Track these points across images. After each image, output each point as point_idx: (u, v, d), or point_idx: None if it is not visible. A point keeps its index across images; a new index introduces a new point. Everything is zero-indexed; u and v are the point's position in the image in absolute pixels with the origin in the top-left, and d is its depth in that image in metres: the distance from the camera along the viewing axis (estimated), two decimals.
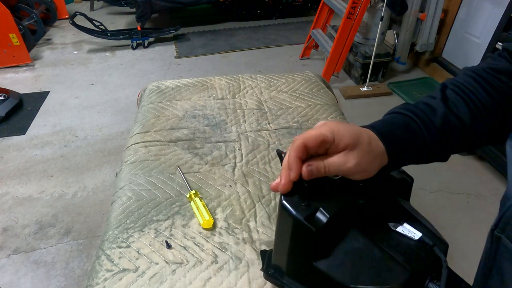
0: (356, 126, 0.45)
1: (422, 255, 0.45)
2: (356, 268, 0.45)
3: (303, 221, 0.45)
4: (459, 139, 0.48)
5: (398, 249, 0.45)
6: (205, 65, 3.15)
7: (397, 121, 0.47)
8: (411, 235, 0.47)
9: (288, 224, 0.47)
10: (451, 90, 0.49)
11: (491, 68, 0.49)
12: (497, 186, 1.86)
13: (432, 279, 0.44)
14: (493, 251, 0.43)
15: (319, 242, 0.46)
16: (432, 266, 0.44)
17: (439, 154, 0.48)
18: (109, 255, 0.73)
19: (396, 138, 0.45)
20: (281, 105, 1.25)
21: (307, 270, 0.49)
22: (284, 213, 0.46)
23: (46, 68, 3.11)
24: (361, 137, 0.43)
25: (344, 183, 0.47)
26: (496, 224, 0.43)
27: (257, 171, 0.96)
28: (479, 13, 2.46)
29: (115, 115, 2.49)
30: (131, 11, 4.17)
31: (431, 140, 0.46)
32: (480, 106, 0.47)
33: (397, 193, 0.53)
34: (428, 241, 0.46)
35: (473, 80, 0.49)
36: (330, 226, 0.45)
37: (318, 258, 0.47)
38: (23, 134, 2.30)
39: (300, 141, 0.42)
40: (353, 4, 2.36)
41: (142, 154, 1.02)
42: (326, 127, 0.42)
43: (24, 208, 1.77)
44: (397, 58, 2.73)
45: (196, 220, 0.81)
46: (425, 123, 0.46)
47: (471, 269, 0.51)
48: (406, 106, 0.49)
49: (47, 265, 1.51)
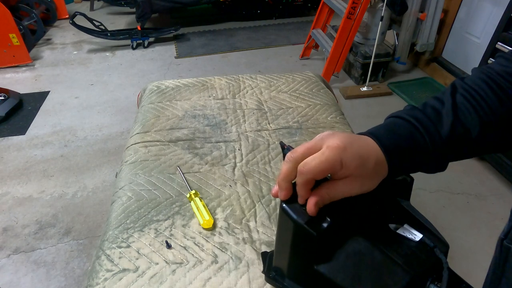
0: (362, 141, 0.43)
1: (423, 257, 0.45)
2: (357, 271, 0.45)
3: (304, 226, 0.44)
4: (464, 150, 0.46)
5: (399, 252, 0.45)
6: (205, 65, 3.15)
7: (402, 131, 0.44)
8: (412, 236, 0.47)
9: (289, 228, 0.47)
10: (461, 95, 0.46)
11: (506, 72, 0.46)
12: (497, 186, 1.86)
13: (433, 281, 0.43)
14: (502, 261, 0.42)
15: (320, 246, 0.46)
16: (433, 268, 0.44)
17: (440, 164, 0.46)
18: (109, 255, 0.73)
19: (400, 152, 0.43)
20: (281, 105, 1.25)
21: (308, 273, 0.49)
22: (285, 217, 0.46)
23: (46, 68, 3.11)
24: (367, 162, 0.41)
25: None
26: (506, 234, 0.42)
27: (257, 171, 0.96)
28: (479, 13, 2.46)
29: (115, 115, 2.49)
30: (131, 11, 4.17)
31: (434, 152, 0.44)
32: (490, 115, 0.44)
33: (397, 194, 0.53)
34: (428, 242, 0.46)
35: (486, 84, 0.46)
36: (331, 230, 0.45)
37: (320, 262, 0.47)
38: (23, 134, 2.30)
39: (310, 176, 0.40)
40: (353, 4, 2.36)
41: (142, 154, 1.02)
42: (334, 154, 0.39)
43: (24, 208, 1.77)
44: (397, 58, 2.73)
45: (196, 220, 0.81)
46: (431, 134, 0.44)
47: (471, 269, 0.51)
48: (412, 112, 0.46)
49: (47, 265, 1.51)
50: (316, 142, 0.42)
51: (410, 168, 0.45)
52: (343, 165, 0.40)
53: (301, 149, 0.42)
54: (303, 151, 0.41)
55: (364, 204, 0.48)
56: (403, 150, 0.43)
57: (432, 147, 0.43)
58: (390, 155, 0.42)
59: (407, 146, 0.43)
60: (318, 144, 0.41)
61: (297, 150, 0.42)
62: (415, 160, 0.44)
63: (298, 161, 0.41)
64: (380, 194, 0.50)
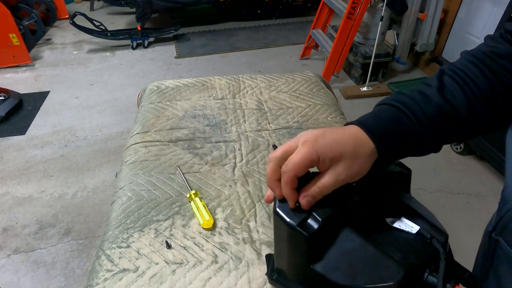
0: (338, 130, 0.44)
1: (419, 249, 0.45)
2: (352, 268, 0.46)
3: (296, 227, 0.45)
4: (453, 130, 0.46)
5: (395, 245, 0.45)
6: (205, 65, 3.15)
7: (387, 115, 0.45)
8: (409, 229, 0.47)
9: (283, 230, 0.48)
10: (448, 76, 0.46)
11: (493, 52, 0.46)
12: (497, 186, 1.86)
13: (431, 271, 0.43)
14: (491, 254, 0.42)
15: (313, 246, 0.47)
16: (431, 259, 0.44)
17: (432, 145, 0.46)
18: (109, 255, 0.73)
19: (386, 133, 0.43)
20: (281, 105, 1.25)
21: (306, 273, 0.50)
22: (278, 220, 0.47)
23: (46, 68, 3.11)
24: (344, 145, 0.42)
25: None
26: (494, 227, 0.43)
27: (257, 171, 0.96)
28: (479, 13, 2.46)
29: (115, 115, 2.49)
30: (131, 11, 4.17)
31: (422, 132, 0.44)
32: (478, 95, 0.45)
33: (395, 187, 0.53)
34: (426, 234, 0.46)
35: (473, 65, 0.46)
36: (323, 230, 0.46)
37: (314, 261, 0.48)
38: (23, 134, 2.30)
39: (292, 173, 0.42)
40: (353, 4, 2.36)
41: (142, 154, 1.02)
42: (308, 147, 0.41)
43: (24, 208, 1.77)
44: (397, 58, 2.73)
45: (196, 220, 0.81)
46: (417, 115, 0.44)
47: (471, 268, 0.51)
48: (398, 97, 0.47)
49: (47, 265, 1.51)
50: (294, 141, 0.44)
51: (401, 150, 0.45)
52: (319, 155, 0.41)
53: (281, 149, 0.44)
54: (282, 150, 0.43)
55: (357, 200, 0.48)
56: (389, 131, 0.44)
57: (419, 126, 0.44)
58: (374, 135, 0.43)
59: (392, 127, 0.44)
60: (296, 143, 0.43)
61: (277, 149, 0.44)
62: (404, 141, 0.44)
63: (280, 160, 0.43)
64: (375, 190, 0.50)
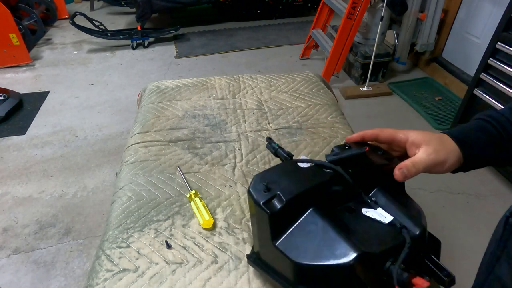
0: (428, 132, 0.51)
1: (385, 238, 0.49)
2: (309, 248, 0.50)
3: (261, 204, 0.51)
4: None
5: (361, 232, 0.50)
6: (205, 65, 3.15)
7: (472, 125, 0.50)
8: (382, 219, 0.51)
9: (252, 207, 0.54)
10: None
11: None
12: (497, 186, 1.86)
13: (394, 261, 0.46)
14: (505, 238, 0.42)
15: (276, 223, 0.52)
16: (397, 248, 0.47)
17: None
18: (109, 255, 0.73)
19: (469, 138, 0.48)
20: (281, 105, 1.25)
21: (270, 251, 0.55)
22: (250, 198, 0.54)
23: (46, 68, 3.11)
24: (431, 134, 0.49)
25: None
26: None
27: (257, 171, 0.96)
28: (479, 13, 2.46)
29: (115, 115, 2.49)
30: (131, 11, 4.17)
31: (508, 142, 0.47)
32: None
33: (379, 181, 0.56)
34: (397, 223, 0.50)
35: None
36: (287, 209, 0.51)
37: (276, 238, 0.53)
38: (23, 134, 2.30)
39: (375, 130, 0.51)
40: (353, 4, 2.36)
41: (142, 154, 1.02)
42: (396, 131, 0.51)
43: (24, 208, 1.77)
44: (397, 58, 2.73)
45: (196, 220, 0.81)
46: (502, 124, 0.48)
47: (471, 268, 0.51)
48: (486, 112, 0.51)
49: (47, 265, 1.51)
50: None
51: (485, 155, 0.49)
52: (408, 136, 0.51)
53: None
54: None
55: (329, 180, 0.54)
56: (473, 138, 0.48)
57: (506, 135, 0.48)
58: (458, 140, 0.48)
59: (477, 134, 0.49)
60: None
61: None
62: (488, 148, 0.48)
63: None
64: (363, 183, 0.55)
